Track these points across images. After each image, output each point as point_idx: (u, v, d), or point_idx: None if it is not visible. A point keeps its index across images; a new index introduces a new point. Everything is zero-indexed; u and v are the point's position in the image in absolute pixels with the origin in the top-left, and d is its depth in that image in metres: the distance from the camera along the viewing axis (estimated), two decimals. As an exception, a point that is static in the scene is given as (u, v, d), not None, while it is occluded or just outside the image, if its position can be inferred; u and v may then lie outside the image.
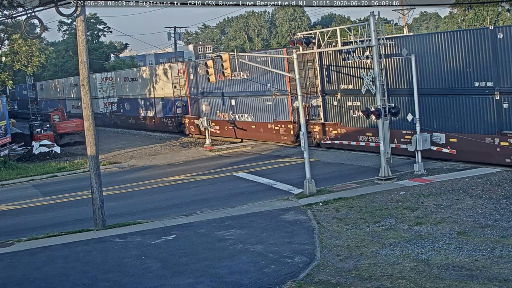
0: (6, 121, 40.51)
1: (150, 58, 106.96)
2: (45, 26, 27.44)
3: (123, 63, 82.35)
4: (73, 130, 47.68)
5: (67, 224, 21.51)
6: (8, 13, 34.09)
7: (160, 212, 22.11)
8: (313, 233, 17.21)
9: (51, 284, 14.99)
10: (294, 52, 23.59)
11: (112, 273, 15.43)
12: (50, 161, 38.37)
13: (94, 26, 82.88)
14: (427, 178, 22.94)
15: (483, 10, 78.92)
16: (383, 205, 19.59)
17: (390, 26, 57.84)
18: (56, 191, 28.32)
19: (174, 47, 68.62)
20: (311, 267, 14.36)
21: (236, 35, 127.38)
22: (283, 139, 35.53)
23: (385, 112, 23.29)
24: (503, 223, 16.40)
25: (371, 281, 13.09)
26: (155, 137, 48.26)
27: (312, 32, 26.18)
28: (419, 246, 15.16)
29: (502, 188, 20.15)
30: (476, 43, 23.71)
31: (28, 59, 44.14)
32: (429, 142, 24.52)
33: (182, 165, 33.23)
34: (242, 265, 14.96)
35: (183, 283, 14.14)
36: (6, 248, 18.50)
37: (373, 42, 23.17)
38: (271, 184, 25.40)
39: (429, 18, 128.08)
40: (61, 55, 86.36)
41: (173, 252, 16.68)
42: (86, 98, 20.17)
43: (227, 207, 21.59)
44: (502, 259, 13.71)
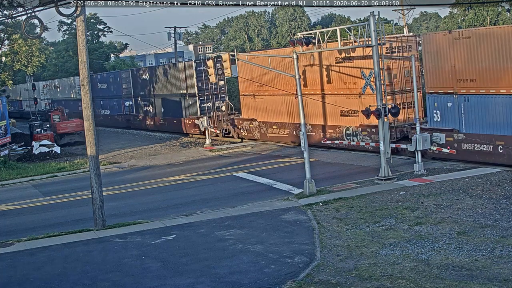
0: (6, 121, 40.49)
1: (150, 58, 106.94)
2: (45, 26, 27.44)
3: (123, 63, 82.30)
4: (73, 130, 47.65)
5: (67, 224, 21.51)
6: (8, 13, 34.06)
7: (160, 212, 22.11)
8: (313, 233, 17.21)
9: (51, 284, 15.00)
10: (294, 52, 23.57)
11: (112, 273, 15.43)
12: (50, 161, 38.35)
13: (94, 26, 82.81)
14: (427, 178, 22.94)
15: (483, 10, 78.90)
16: (383, 205, 19.59)
17: (390, 26, 57.92)
18: (56, 191, 28.32)
19: (174, 47, 68.62)
20: (311, 267, 14.36)
21: (236, 35, 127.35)
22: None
23: (385, 112, 23.31)
24: (503, 223, 16.40)
25: (371, 281, 13.09)
26: (155, 137, 48.23)
27: (312, 32, 26.19)
28: (419, 246, 15.16)
29: (502, 188, 20.15)
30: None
31: (28, 59, 44.08)
32: (429, 142, 24.53)
33: (182, 165, 33.23)
34: (242, 265, 14.96)
35: (183, 283, 14.14)
36: (6, 248, 18.50)
37: (373, 42, 23.17)
38: (271, 184, 25.40)
39: (429, 18, 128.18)
40: (61, 55, 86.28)
41: (173, 252, 16.68)
42: (86, 98, 20.17)
43: (227, 207, 21.59)
44: (502, 259, 13.71)
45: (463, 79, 24.16)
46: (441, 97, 25.16)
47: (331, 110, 31.18)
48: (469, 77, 23.90)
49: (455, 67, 24.30)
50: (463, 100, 24.24)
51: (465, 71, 24.00)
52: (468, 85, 24.04)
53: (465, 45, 23.82)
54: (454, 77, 24.50)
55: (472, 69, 23.71)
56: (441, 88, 25.13)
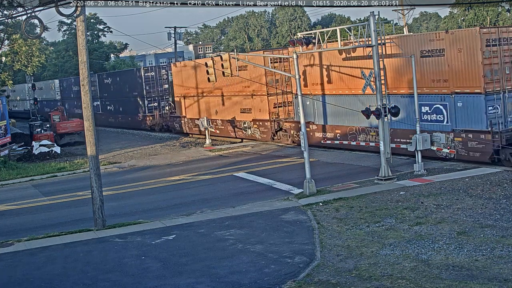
0: (6, 121, 40.51)
1: (150, 58, 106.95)
2: (45, 26, 27.46)
3: (123, 63, 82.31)
4: (73, 130, 47.67)
5: (67, 224, 21.51)
6: (8, 13, 34.06)
7: (160, 212, 22.11)
8: (313, 233, 17.21)
9: (51, 284, 15.00)
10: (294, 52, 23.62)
11: (112, 273, 15.43)
12: (50, 161, 38.36)
13: (94, 26, 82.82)
14: (427, 178, 22.94)
15: (483, 10, 78.95)
16: (383, 205, 19.59)
17: (390, 26, 57.93)
18: (56, 191, 28.32)
19: (174, 47, 68.62)
20: (311, 267, 14.36)
21: (236, 35, 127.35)
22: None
23: (385, 112, 23.30)
24: (503, 223, 16.40)
25: (371, 281, 13.09)
26: (155, 137, 48.25)
27: (312, 32, 26.19)
28: (419, 246, 15.16)
29: (502, 188, 20.15)
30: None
31: (28, 59, 44.12)
32: (429, 142, 24.52)
33: (182, 165, 33.23)
34: (242, 265, 14.96)
35: (183, 283, 14.15)
36: (6, 248, 18.50)
37: (373, 42, 23.17)
38: (271, 184, 25.40)
39: (429, 18, 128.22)
40: (61, 55, 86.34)
41: (173, 252, 16.68)
42: (86, 98, 20.17)
43: (227, 207, 21.59)
44: (502, 259, 13.71)
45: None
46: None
47: (232, 107, 39.90)
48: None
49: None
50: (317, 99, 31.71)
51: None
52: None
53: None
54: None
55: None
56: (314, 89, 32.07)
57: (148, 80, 51.67)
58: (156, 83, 51.79)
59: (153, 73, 51.82)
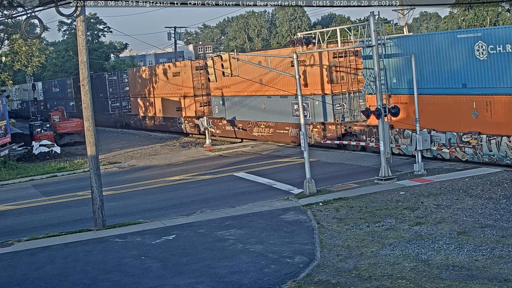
0: (6, 121, 40.48)
1: (150, 58, 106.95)
2: (45, 26, 27.42)
3: (123, 63, 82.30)
4: (73, 130, 47.67)
5: (67, 224, 21.51)
6: (8, 13, 34.06)
7: (160, 212, 22.11)
8: (313, 233, 17.21)
9: (51, 284, 15.00)
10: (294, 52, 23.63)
11: (112, 273, 15.43)
12: (50, 161, 38.36)
13: (94, 26, 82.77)
14: (427, 178, 22.94)
15: (483, 10, 78.94)
16: (383, 205, 19.59)
17: (390, 26, 57.92)
18: (56, 191, 28.32)
19: (174, 47, 68.61)
20: (311, 267, 14.36)
21: (236, 35, 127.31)
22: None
23: (385, 112, 23.30)
24: (503, 223, 16.40)
25: (371, 281, 13.09)
26: (155, 137, 48.27)
27: (312, 32, 26.20)
28: (419, 246, 15.16)
29: (502, 188, 20.15)
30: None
31: (28, 59, 44.11)
32: (429, 142, 24.53)
33: (182, 165, 33.24)
34: (242, 265, 14.97)
35: (183, 283, 14.15)
36: (6, 248, 18.50)
37: (373, 42, 23.17)
38: (271, 184, 25.40)
39: (429, 18, 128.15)
40: (61, 55, 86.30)
41: (173, 252, 16.68)
42: (86, 98, 20.17)
43: (227, 207, 21.60)
44: (502, 259, 13.71)
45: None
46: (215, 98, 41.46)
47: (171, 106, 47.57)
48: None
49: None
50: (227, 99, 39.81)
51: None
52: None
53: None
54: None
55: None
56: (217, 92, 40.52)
57: (112, 83, 60.52)
58: (118, 86, 60.56)
59: (115, 77, 60.75)
